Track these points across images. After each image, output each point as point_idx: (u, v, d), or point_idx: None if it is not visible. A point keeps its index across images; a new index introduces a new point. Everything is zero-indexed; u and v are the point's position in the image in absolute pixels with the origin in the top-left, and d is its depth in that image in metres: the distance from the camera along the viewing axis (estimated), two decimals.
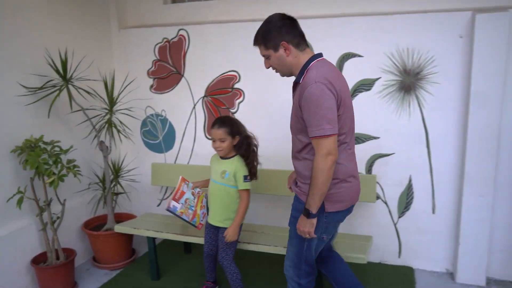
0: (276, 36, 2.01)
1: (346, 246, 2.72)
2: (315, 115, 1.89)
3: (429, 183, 3.07)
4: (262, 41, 2.06)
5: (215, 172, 2.74)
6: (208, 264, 2.87)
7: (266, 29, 2.04)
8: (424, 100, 2.97)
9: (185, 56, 3.56)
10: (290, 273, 2.23)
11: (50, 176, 2.78)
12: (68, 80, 2.96)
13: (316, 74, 1.92)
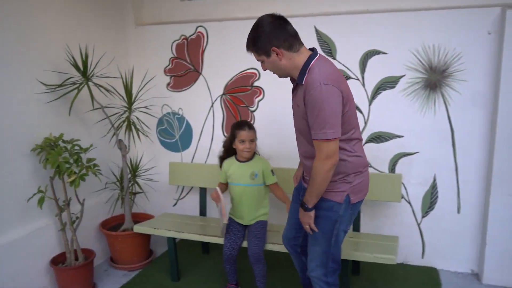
0: (265, 42, 1.94)
1: (373, 247, 2.66)
2: (318, 118, 1.86)
3: (454, 182, 3.02)
4: (253, 48, 2.01)
5: (241, 176, 2.80)
6: (230, 266, 2.81)
7: (255, 35, 1.97)
8: (450, 98, 2.92)
9: (203, 53, 3.51)
10: (318, 273, 2.17)
11: (71, 175, 2.73)
12: (88, 77, 2.91)
13: (319, 75, 1.87)
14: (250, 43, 2.01)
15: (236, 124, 2.77)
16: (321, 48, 3.15)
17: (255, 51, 2.00)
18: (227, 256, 2.76)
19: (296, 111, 2.06)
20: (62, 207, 2.88)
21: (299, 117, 2.04)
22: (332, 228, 2.09)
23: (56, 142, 2.81)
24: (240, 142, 2.72)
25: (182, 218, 3.37)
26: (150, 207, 3.81)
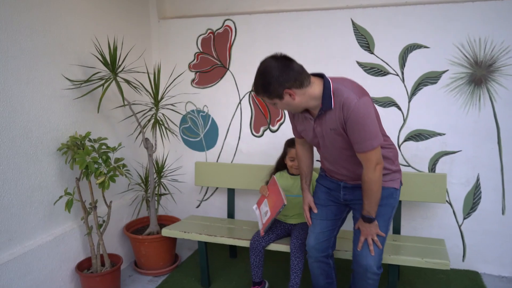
0: (276, 86, 1.89)
1: (420, 251, 2.53)
2: (363, 132, 1.90)
3: (499, 182, 2.89)
4: (264, 94, 1.95)
5: (291, 187, 2.79)
6: (255, 258, 2.66)
7: (265, 82, 1.91)
8: (496, 93, 2.79)
9: (231, 48, 3.36)
10: (374, 269, 2.09)
11: (100, 176, 2.57)
12: (117, 72, 2.75)
13: (349, 93, 1.90)
14: (260, 89, 1.95)
15: (288, 141, 2.78)
16: (358, 42, 3.01)
17: (267, 96, 1.96)
18: (254, 244, 2.65)
19: (329, 134, 2.04)
20: (89, 210, 2.72)
21: (335, 139, 2.04)
22: (390, 215, 2.17)
23: (83, 141, 2.65)
24: (290, 159, 2.74)
25: (211, 220, 3.21)
26: (172, 209, 3.66)
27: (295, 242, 2.55)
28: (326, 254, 2.32)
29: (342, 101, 1.90)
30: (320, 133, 2.07)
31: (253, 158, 3.45)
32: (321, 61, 3.13)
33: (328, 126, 2.00)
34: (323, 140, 2.09)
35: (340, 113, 1.92)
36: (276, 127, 3.36)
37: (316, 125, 2.06)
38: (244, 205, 3.54)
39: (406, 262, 2.41)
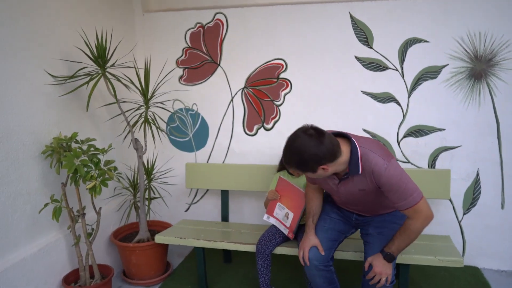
0: (312, 164, 1.87)
1: (429, 249, 2.46)
2: (401, 192, 1.89)
3: (499, 177, 2.88)
4: (297, 169, 1.94)
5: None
6: (262, 263, 2.51)
7: (301, 160, 1.87)
8: (496, 88, 2.78)
9: (222, 43, 3.19)
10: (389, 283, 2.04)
11: (91, 180, 2.34)
12: (106, 67, 2.52)
13: (376, 158, 1.90)
14: (294, 165, 1.92)
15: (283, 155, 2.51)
16: (356, 36, 2.93)
17: (301, 171, 1.97)
18: (261, 249, 2.49)
19: (357, 193, 2.04)
20: (77, 218, 2.49)
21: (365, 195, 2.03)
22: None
23: (69, 142, 2.42)
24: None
25: (205, 224, 3.04)
26: (161, 213, 3.44)
27: None
28: (326, 263, 2.21)
29: (371, 168, 1.90)
30: (345, 192, 2.07)
31: (247, 158, 3.31)
32: (319, 57, 3.02)
33: (357, 187, 2.01)
34: (348, 197, 2.10)
35: (371, 178, 1.93)
36: (271, 125, 3.22)
37: (341, 185, 2.06)
38: (238, 207, 3.38)
39: (419, 261, 2.34)
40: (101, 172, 2.40)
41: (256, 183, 3.08)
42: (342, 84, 3.01)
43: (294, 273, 2.95)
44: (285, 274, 2.95)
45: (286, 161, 1.93)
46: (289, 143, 1.89)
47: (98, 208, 2.58)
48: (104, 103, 2.84)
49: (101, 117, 2.88)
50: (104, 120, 2.88)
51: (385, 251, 2.02)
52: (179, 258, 3.31)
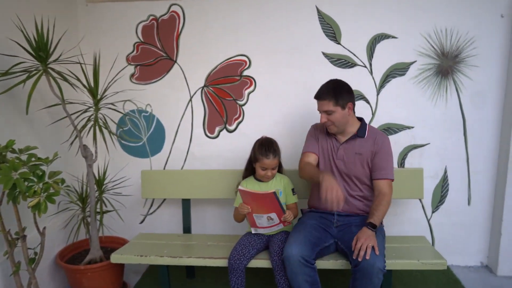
0: (347, 96, 2.23)
1: (410, 252, 2.37)
2: (388, 161, 2.27)
3: (465, 173, 2.89)
4: (333, 97, 2.20)
5: None
6: (236, 279, 2.26)
7: (338, 87, 2.24)
8: (462, 84, 2.78)
9: (179, 37, 2.91)
10: (381, 263, 1.97)
11: (35, 196, 1.97)
12: (48, 63, 2.15)
13: (378, 130, 2.38)
14: (331, 91, 2.21)
15: (260, 147, 2.34)
16: (323, 31, 2.80)
17: (335, 100, 2.20)
18: (234, 265, 2.24)
19: (351, 157, 2.31)
20: (15, 241, 2.10)
21: (357, 165, 2.31)
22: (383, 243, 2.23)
23: (3, 152, 2.03)
24: (261, 168, 2.35)
25: (166, 238, 2.74)
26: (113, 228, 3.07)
27: (276, 259, 2.21)
28: (310, 260, 2.06)
29: (376, 135, 2.30)
30: (342, 155, 2.33)
31: (208, 162, 3.05)
32: (284, 53, 2.85)
33: (355, 150, 2.30)
34: (341, 162, 2.33)
35: (372, 143, 2.28)
36: (234, 126, 3.00)
37: (342, 147, 2.33)
38: (200, 217, 3.12)
39: (403, 266, 2.23)
40: (46, 186, 2.03)
41: (219, 190, 2.83)
42: (310, 82, 2.84)
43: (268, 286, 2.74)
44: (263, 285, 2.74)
45: (322, 91, 2.24)
46: (328, 80, 2.30)
47: (42, 228, 2.20)
48: (45, 104, 2.45)
49: (42, 121, 2.49)
50: (45, 125, 2.49)
51: (369, 221, 2.11)
52: (135, 276, 2.97)
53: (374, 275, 1.93)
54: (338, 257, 2.27)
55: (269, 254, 2.29)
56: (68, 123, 2.43)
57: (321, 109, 2.25)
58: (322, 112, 2.25)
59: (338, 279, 2.76)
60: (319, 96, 2.25)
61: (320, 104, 2.25)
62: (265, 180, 2.40)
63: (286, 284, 2.19)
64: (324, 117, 2.24)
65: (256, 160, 2.34)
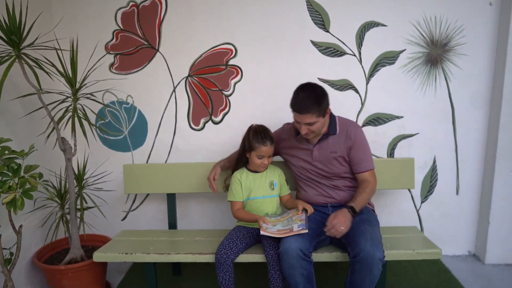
0: (327, 103, 2.14)
1: (405, 242, 2.34)
2: (365, 153, 2.25)
3: (454, 163, 2.88)
4: (318, 109, 2.08)
5: (259, 188, 2.34)
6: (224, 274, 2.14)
7: (320, 97, 2.10)
8: (451, 73, 2.76)
9: (161, 25, 2.78)
10: (381, 255, 1.93)
11: (9, 192, 1.82)
12: (21, 48, 1.99)
13: (349, 120, 2.31)
14: (315, 105, 2.07)
15: (256, 134, 2.25)
16: (312, 19, 2.72)
17: (317, 110, 2.08)
18: (221, 259, 2.13)
19: (327, 156, 2.25)
20: None
21: (334, 164, 2.26)
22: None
23: None
24: (257, 157, 2.26)
25: (151, 234, 2.62)
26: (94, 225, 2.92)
27: (272, 253, 2.12)
28: (306, 252, 1.99)
29: (348, 127, 2.24)
30: (318, 156, 2.27)
31: (194, 155, 2.94)
32: (272, 41, 2.76)
33: (329, 149, 2.24)
34: (318, 164, 2.27)
35: (345, 140, 2.22)
36: (220, 118, 2.89)
37: (316, 149, 2.26)
38: (185, 212, 3.00)
39: (398, 257, 2.19)
40: (22, 181, 1.89)
41: (205, 184, 2.71)
42: (298, 71, 2.78)
43: (258, 283, 2.66)
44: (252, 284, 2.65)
45: (306, 104, 2.06)
46: (303, 85, 2.16)
47: (18, 227, 2.05)
48: (17, 94, 2.29)
49: (15, 112, 2.32)
50: (19, 116, 2.32)
51: (349, 205, 2.11)
52: (119, 275, 2.85)
53: (374, 266, 1.89)
54: (333, 249, 2.21)
55: (263, 248, 2.21)
56: (44, 114, 2.28)
57: (303, 122, 2.10)
58: (304, 124, 2.11)
59: (328, 271, 2.72)
60: (302, 110, 2.08)
61: (303, 117, 2.09)
62: (260, 170, 2.32)
63: (280, 279, 2.11)
64: (306, 129, 2.13)
65: (251, 149, 2.24)
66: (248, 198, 2.32)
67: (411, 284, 2.61)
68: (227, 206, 2.98)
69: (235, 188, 2.31)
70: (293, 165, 2.38)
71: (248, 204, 2.33)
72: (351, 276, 1.98)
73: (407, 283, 2.63)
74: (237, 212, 2.31)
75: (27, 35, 2.02)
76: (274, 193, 2.34)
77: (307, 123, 2.10)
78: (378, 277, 1.94)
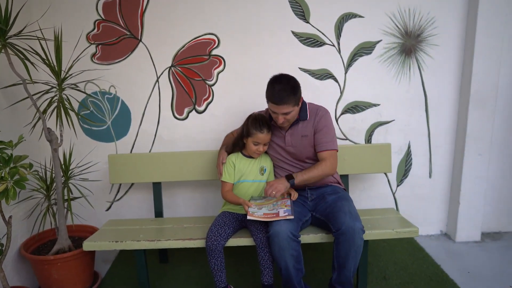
0: (300, 93, 2.26)
1: (382, 222, 2.47)
2: (330, 132, 2.34)
3: (427, 147, 3.05)
4: (293, 97, 2.18)
5: (251, 172, 2.43)
6: (215, 261, 2.21)
7: (294, 87, 2.20)
8: (424, 63, 2.91)
9: (143, 15, 2.79)
10: (360, 225, 2.08)
11: (1, 182, 1.82)
12: (7, 37, 1.97)
13: (317, 105, 2.40)
14: (290, 93, 2.17)
15: (254, 121, 2.32)
16: (293, 10, 2.80)
17: (294, 100, 2.18)
18: (212, 245, 2.19)
19: (299, 140, 2.35)
20: None
21: (306, 147, 2.36)
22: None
23: None
24: (254, 143, 2.33)
25: (139, 223, 2.65)
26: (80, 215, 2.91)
27: (260, 237, 2.21)
28: (295, 233, 2.09)
29: (317, 111, 2.36)
30: (290, 142, 2.37)
31: (178, 145, 2.98)
32: (254, 32, 2.82)
33: (300, 133, 2.35)
34: (291, 148, 2.37)
35: (313, 122, 2.33)
36: (203, 107, 2.94)
37: (288, 134, 2.36)
38: (171, 201, 3.05)
39: (378, 236, 2.32)
40: (14, 171, 1.89)
41: (190, 172, 2.79)
42: (279, 61, 2.86)
43: (248, 267, 2.75)
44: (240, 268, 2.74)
45: (283, 95, 2.14)
46: (276, 76, 2.23)
47: (8, 217, 2.05)
48: (1, 84, 2.26)
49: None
50: (2, 107, 2.30)
51: (290, 174, 2.27)
52: (105, 264, 2.87)
53: (356, 236, 2.03)
54: (318, 230, 2.32)
55: (251, 232, 2.29)
56: (30, 104, 2.26)
57: (281, 112, 2.19)
58: (281, 114, 2.20)
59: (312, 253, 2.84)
60: (280, 101, 2.16)
61: (280, 108, 2.17)
62: (255, 156, 2.40)
63: (270, 261, 2.20)
64: (282, 118, 2.21)
65: (249, 135, 2.32)
66: (239, 181, 2.39)
67: (390, 262, 2.77)
68: (212, 193, 3.07)
69: (228, 170, 2.38)
70: (270, 152, 2.47)
71: (237, 187, 2.40)
72: (337, 250, 2.09)
73: (385, 262, 2.78)
74: (226, 193, 2.38)
75: (12, 24, 2.00)
76: (263, 178, 2.42)
77: (284, 113, 2.19)
78: (361, 247, 2.08)
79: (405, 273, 2.63)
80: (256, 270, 2.60)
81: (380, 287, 2.48)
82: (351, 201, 2.32)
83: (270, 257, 2.20)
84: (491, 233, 3.19)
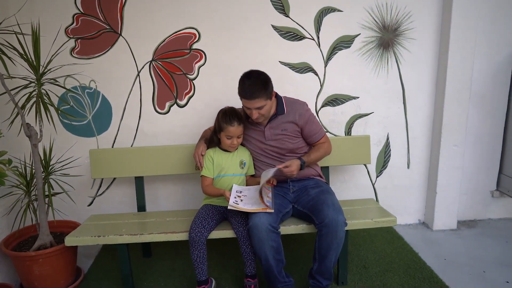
0: (271, 87, 2.27)
1: (361, 212, 2.53)
2: (316, 125, 2.44)
3: (405, 139, 3.12)
4: (264, 92, 2.21)
5: (230, 166, 2.45)
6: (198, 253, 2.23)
7: (265, 81, 2.23)
8: (401, 56, 2.97)
9: (123, 8, 2.77)
10: (343, 218, 2.14)
11: None
12: None
13: (295, 100, 2.44)
14: (261, 87, 2.20)
15: (223, 116, 2.33)
16: (273, 4, 2.82)
17: (265, 94, 2.21)
18: (195, 237, 2.21)
19: (281, 136, 2.39)
20: None
21: (286, 141, 2.39)
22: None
23: None
24: (226, 137, 2.35)
25: (122, 217, 2.65)
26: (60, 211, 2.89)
27: (241, 230, 2.24)
28: (275, 225, 2.13)
29: (294, 105, 2.39)
30: (270, 136, 2.40)
31: (159, 139, 2.98)
32: (235, 26, 2.84)
33: (279, 128, 2.38)
34: (272, 143, 2.40)
35: (293, 117, 2.35)
36: (185, 101, 2.95)
37: (267, 129, 2.39)
38: (152, 195, 3.05)
39: (358, 226, 2.37)
40: None
41: (172, 166, 2.80)
42: (260, 55, 2.88)
43: (232, 259, 2.78)
44: (223, 260, 2.77)
45: (254, 89, 2.17)
46: (246, 73, 2.26)
47: None
48: None
49: None
50: None
51: (302, 158, 2.36)
52: (88, 260, 2.86)
53: (339, 229, 2.08)
54: (299, 222, 2.37)
55: (232, 225, 2.32)
56: (6, 100, 2.24)
57: (253, 107, 2.22)
58: (254, 109, 2.23)
59: (293, 244, 2.89)
60: (251, 96, 2.19)
61: (252, 103, 2.20)
62: (231, 150, 2.41)
63: (252, 252, 2.24)
64: (256, 113, 2.25)
65: (220, 130, 2.33)
66: (219, 175, 2.41)
67: (370, 251, 2.84)
68: (193, 187, 3.08)
69: (207, 164, 2.40)
70: (249, 147, 2.50)
71: (218, 181, 2.42)
72: (319, 242, 2.14)
73: (365, 251, 2.85)
74: (206, 188, 2.40)
75: None
76: (243, 171, 2.45)
77: (257, 108, 2.22)
78: (343, 239, 2.14)
79: (384, 261, 2.70)
80: (239, 262, 2.64)
81: (360, 275, 2.55)
82: (334, 194, 2.37)
83: (251, 249, 2.23)
84: (467, 221, 3.30)
